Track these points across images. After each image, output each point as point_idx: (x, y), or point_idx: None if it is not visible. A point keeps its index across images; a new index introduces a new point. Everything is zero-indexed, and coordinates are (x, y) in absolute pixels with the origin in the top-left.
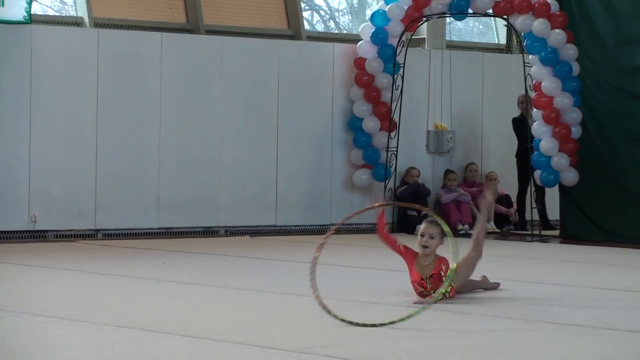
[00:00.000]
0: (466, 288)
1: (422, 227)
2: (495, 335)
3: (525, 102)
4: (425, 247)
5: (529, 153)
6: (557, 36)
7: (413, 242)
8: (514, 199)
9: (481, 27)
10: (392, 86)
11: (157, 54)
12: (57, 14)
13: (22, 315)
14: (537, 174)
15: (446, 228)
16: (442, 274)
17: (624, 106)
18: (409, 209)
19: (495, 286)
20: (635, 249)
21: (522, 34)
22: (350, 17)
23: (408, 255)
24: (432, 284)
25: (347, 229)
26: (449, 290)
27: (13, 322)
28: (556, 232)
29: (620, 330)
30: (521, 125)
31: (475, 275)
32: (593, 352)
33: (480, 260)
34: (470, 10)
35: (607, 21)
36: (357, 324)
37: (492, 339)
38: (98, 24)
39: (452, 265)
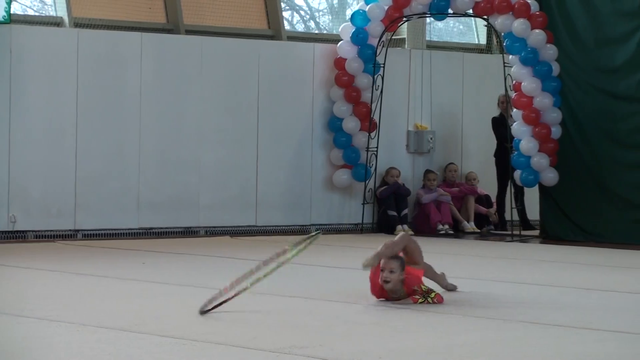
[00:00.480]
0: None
1: (382, 262)
2: (476, 335)
3: (505, 102)
4: (386, 282)
5: (508, 153)
6: (537, 36)
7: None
8: (493, 199)
9: (461, 27)
10: (372, 86)
11: (137, 54)
12: (36, 13)
13: (1, 316)
14: (517, 174)
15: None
16: (417, 290)
17: (604, 106)
18: (388, 209)
19: (452, 288)
20: (614, 249)
21: (502, 34)
22: (330, 17)
23: (383, 292)
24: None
25: (328, 228)
26: (432, 296)
27: None
28: (536, 232)
29: (599, 330)
30: (501, 124)
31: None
32: (572, 352)
33: (463, 260)
34: (450, 11)
35: (587, 21)
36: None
37: (473, 339)
38: (78, 23)
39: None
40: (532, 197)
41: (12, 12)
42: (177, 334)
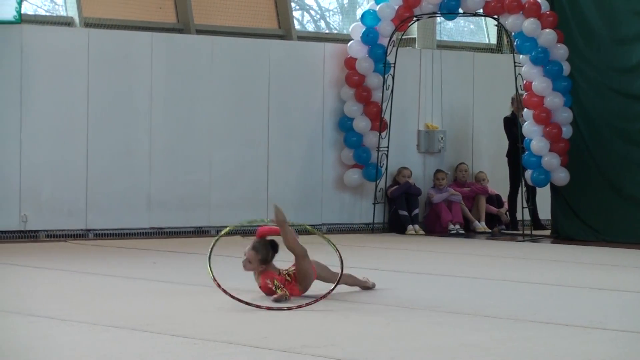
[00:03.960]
0: (346, 282)
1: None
2: (485, 335)
3: (516, 102)
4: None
5: (519, 152)
6: (548, 36)
7: (404, 242)
8: (504, 198)
9: (472, 26)
10: (383, 86)
11: (148, 53)
12: (47, 13)
13: (13, 315)
14: (528, 173)
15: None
16: (269, 284)
17: (618, 106)
18: (400, 208)
19: (370, 286)
20: (626, 249)
21: (513, 33)
22: (340, 17)
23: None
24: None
25: (339, 228)
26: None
27: (3, 322)
28: (547, 232)
29: (610, 330)
30: (513, 124)
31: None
32: (583, 351)
33: (474, 259)
34: (460, 10)
35: (602, 21)
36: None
37: (482, 339)
38: (88, 23)
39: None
40: (543, 196)
41: (23, 12)
42: (188, 333)
